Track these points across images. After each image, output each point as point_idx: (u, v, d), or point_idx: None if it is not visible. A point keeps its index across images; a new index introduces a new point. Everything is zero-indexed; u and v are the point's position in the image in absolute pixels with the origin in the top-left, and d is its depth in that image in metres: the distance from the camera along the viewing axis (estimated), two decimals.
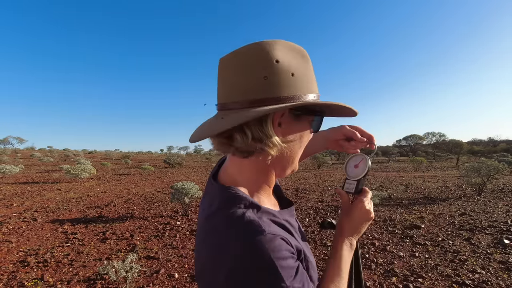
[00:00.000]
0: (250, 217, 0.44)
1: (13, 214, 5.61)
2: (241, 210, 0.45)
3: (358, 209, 0.60)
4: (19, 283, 2.85)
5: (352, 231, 0.60)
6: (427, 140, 45.10)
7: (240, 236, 0.42)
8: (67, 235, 4.37)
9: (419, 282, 2.79)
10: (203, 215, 0.51)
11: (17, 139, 39.51)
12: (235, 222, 0.44)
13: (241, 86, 0.45)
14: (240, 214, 0.45)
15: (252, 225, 0.42)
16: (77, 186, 9.91)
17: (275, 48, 0.45)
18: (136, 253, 3.51)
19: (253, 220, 0.43)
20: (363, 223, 0.61)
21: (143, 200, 7.37)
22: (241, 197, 0.48)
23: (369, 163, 0.63)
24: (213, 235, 0.45)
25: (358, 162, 0.65)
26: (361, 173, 0.62)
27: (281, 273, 0.39)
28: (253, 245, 0.40)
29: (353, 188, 0.63)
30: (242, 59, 0.45)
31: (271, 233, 0.42)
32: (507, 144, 49.54)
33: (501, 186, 8.82)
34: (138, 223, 5.06)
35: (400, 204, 6.51)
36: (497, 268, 3.07)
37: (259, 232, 0.41)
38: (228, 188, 0.50)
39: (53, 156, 29.01)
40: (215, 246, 0.43)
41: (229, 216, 0.45)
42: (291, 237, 0.48)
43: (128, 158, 29.18)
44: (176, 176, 13.89)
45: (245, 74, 0.45)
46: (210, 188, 0.56)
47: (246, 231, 0.42)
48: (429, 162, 26.21)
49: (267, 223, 0.45)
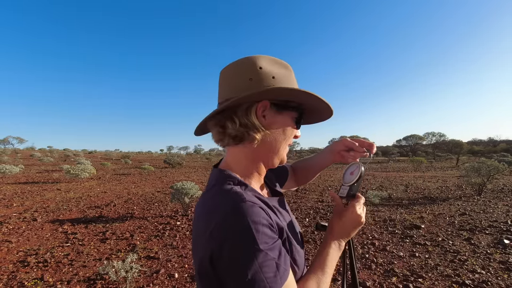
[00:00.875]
0: (236, 189, 0.53)
1: (13, 214, 5.61)
2: (230, 185, 0.56)
3: (349, 213, 0.64)
4: (19, 283, 2.84)
5: (341, 233, 0.64)
6: (427, 140, 45.11)
7: (224, 202, 0.50)
8: (67, 235, 4.37)
9: (419, 282, 2.78)
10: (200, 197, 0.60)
11: (17, 139, 39.50)
12: (224, 192, 0.53)
13: (232, 86, 0.58)
14: (228, 187, 0.55)
15: (236, 195, 0.51)
16: (77, 186, 9.91)
17: (259, 59, 0.58)
18: (136, 253, 3.51)
19: (238, 192, 0.52)
20: (353, 226, 0.64)
21: (143, 200, 7.37)
22: (231, 176, 0.59)
23: (362, 169, 0.67)
24: (205, 203, 0.54)
25: (354, 169, 0.69)
26: (354, 179, 0.67)
27: (255, 235, 0.45)
28: (235, 209, 0.47)
29: (345, 193, 0.67)
30: (234, 68, 0.59)
31: (252, 201, 0.50)
32: (507, 144, 49.51)
33: (501, 186, 8.82)
34: (138, 223, 5.06)
35: (400, 204, 6.51)
36: (497, 268, 3.07)
37: (241, 199, 0.49)
38: (223, 171, 0.61)
39: (53, 156, 29.01)
40: (206, 211, 0.51)
41: (220, 189, 0.55)
42: (272, 213, 0.54)
43: (128, 158, 29.18)
44: (176, 176, 13.89)
45: (236, 78, 0.58)
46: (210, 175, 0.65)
47: (231, 198, 0.50)
48: (429, 162, 26.21)
49: (250, 195, 0.53)
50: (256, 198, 0.54)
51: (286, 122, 0.61)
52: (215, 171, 0.63)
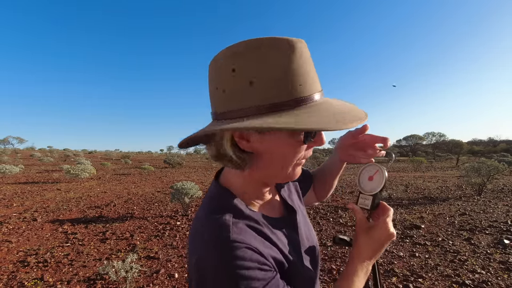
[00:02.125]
0: (224, 220, 0.45)
1: (13, 214, 5.61)
2: (218, 212, 0.47)
3: (381, 230, 0.53)
4: (19, 283, 2.85)
5: (372, 253, 0.54)
6: (427, 140, 45.16)
7: (209, 234, 0.44)
8: (67, 235, 4.37)
9: (419, 282, 2.78)
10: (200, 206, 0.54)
11: (17, 139, 39.51)
12: (212, 221, 0.46)
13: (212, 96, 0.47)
14: (215, 215, 0.47)
15: (221, 229, 0.44)
16: (77, 186, 9.91)
17: (232, 54, 0.41)
18: (136, 253, 3.51)
19: (223, 224, 0.44)
20: (383, 245, 0.54)
21: (143, 200, 7.37)
22: (224, 197, 0.51)
23: (386, 175, 0.56)
24: (196, 222, 0.49)
25: (372, 173, 0.58)
26: (377, 186, 0.56)
27: (238, 281, 0.39)
28: (217, 247, 0.42)
29: (369, 204, 0.56)
30: (211, 68, 0.46)
31: (238, 241, 0.42)
32: (507, 144, 49.54)
33: (501, 186, 8.82)
34: (138, 223, 5.06)
35: (400, 204, 6.51)
36: (497, 268, 3.06)
37: (224, 237, 0.42)
38: (219, 187, 0.53)
39: (53, 156, 29.01)
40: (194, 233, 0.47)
41: (207, 212, 0.48)
42: (270, 248, 0.47)
43: (128, 158, 29.18)
44: (176, 176, 13.89)
45: (211, 84, 0.46)
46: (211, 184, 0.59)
47: (214, 234, 0.43)
48: (429, 162, 26.21)
49: (240, 229, 0.45)
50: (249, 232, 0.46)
51: (280, 142, 0.45)
52: (213, 184, 0.56)
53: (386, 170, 0.56)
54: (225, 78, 0.42)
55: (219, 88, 0.44)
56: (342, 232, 4.39)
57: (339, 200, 7.02)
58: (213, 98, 0.47)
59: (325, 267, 3.16)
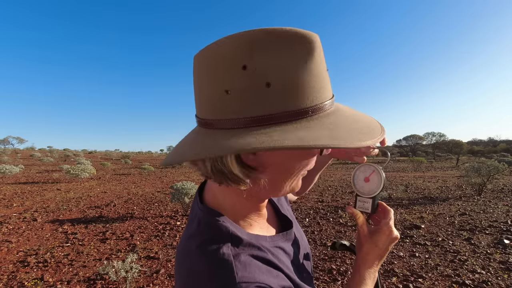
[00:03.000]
0: (224, 256, 0.38)
1: (13, 214, 5.61)
2: (213, 243, 0.40)
3: (385, 235, 0.51)
4: (19, 283, 2.85)
5: (378, 258, 0.52)
6: (427, 140, 45.16)
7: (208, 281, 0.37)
8: (67, 235, 4.37)
9: (419, 282, 2.78)
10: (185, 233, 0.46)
11: (17, 139, 39.54)
12: (205, 258, 0.39)
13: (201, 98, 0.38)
14: (210, 248, 0.39)
15: (222, 269, 0.37)
16: (77, 186, 9.91)
17: (246, 46, 0.32)
18: (136, 253, 3.51)
19: (224, 261, 0.38)
20: (389, 248, 0.52)
21: (143, 200, 7.37)
22: (217, 223, 0.42)
23: (383, 175, 0.53)
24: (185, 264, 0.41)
25: (368, 174, 0.55)
26: (376, 188, 0.53)
27: None
28: None
29: (369, 207, 0.54)
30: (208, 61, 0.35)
31: (245, 280, 0.36)
32: (507, 144, 49.56)
33: (501, 186, 8.82)
34: (138, 223, 5.06)
35: (400, 204, 6.51)
36: (497, 268, 3.06)
37: (229, 280, 0.36)
38: (208, 210, 0.45)
39: (53, 156, 29.01)
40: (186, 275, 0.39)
41: (199, 245, 0.40)
42: (277, 276, 0.41)
43: (128, 158, 29.20)
44: (176, 176, 13.90)
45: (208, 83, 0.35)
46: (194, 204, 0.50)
47: (216, 278, 0.36)
48: (429, 162, 26.22)
49: (244, 264, 0.38)
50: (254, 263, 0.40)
51: (292, 154, 0.40)
52: (198, 206, 0.47)
53: (383, 170, 0.53)
54: (231, 76, 0.33)
55: (218, 87, 0.34)
56: (342, 232, 4.39)
57: (339, 200, 7.02)
58: (206, 99, 0.36)
59: (325, 267, 3.16)
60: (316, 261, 3.32)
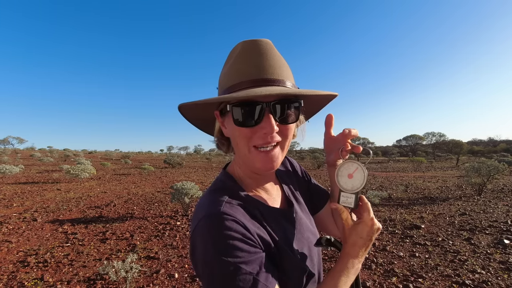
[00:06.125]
0: (220, 198, 0.53)
1: (13, 214, 5.61)
2: (217, 191, 0.56)
3: (368, 226, 0.55)
4: (19, 283, 2.84)
5: (362, 249, 0.56)
6: (427, 140, 45.17)
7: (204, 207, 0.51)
8: (67, 235, 4.37)
9: (419, 282, 2.78)
10: None
11: (17, 139, 39.54)
12: (209, 197, 0.55)
13: None
14: (214, 193, 0.55)
15: (215, 204, 0.51)
16: (77, 186, 9.90)
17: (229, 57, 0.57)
18: (136, 253, 3.51)
19: (218, 200, 0.52)
20: (372, 239, 0.56)
21: (143, 200, 7.37)
22: (227, 178, 0.60)
23: (366, 173, 0.56)
24: (196, 205, 0.57)
25: (352, 171, 0.58)
26: (359, 185, 0.56)
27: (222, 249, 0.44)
28: (207, 218, 0.48)
29: (352, 202, 0.57)
30: None
31: (226, 213, 0.48)
32: (507, 144, 49.57)
33: (501, 186, 8.82)
34: (138, 223, 5.06)
35: (400, 204, 6.51)
36: (497, 268, 3.06)
37: (215, 210, 0.49)
38: (224, 173, 0.63)
39: (53, 156, 29.01)
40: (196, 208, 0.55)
41: (208, 192, 0.57)
42: (258, 228, 0.52)
43: (128, 158, 29.19)
44: (176, 176, 13.89)
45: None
46: None
47: (209, 207, 0.51)
48: (429, 162, 26.21)
49: (232, 206, 0.52)
50: (239, 210, 0.51)
51: (230, 122, 0.54)
52: (221, 172, 0.65)
53: (365, 166, 0.56)
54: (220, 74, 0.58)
55: None
56: None
57: None
58: None
59: (325, 267, 3.16)
60: None
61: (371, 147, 51.81)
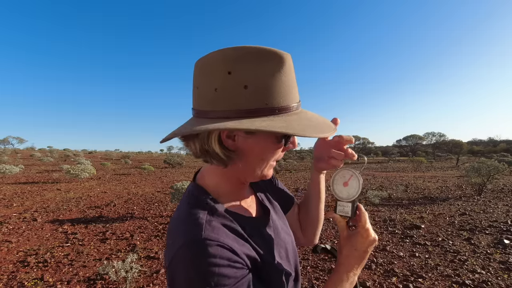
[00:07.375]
0: (198, 219, 0.47)
1: (13, 214, 5.61)
2: (192, 210, 0.49)
3: (363, 238, 0.53)
4: (19, 283, 2.84)
5: (357, 262, 0.54)
6: (427, 140, 45.21)
7: (183, 232, 0.45)
8: (67, 235, 4.37)
9: (419, 282, 2.79)
10: None
11: (17, 139, 39.56)
12: (183, 220, 0.48)
13: (197, 94, 0.48)
14: (190, 213, 0.48)
15: (194, 228, 0.45)
16: (77, 186, 9.91)
17: (231, 58, 0.43)
18: (136, 253, 3.51)
19: (197, 223, 0.46)
20: (368, 251, 0.54)
21: (143, 200, 7.38)
22: (201, 195, 0.53)
23: (361, 180, 0.55)
24: (172, 222, 0.51)
25: (347, 179, 0.57)
26: (355, 193, 0.55)
27: (207, 278, 0.40)
28: (188, 246, 0.43)
29: (349, 211, 0.56)
30: (203, 66, 0.46)
31: (210, 238, 0.43)
32: (507, 144, 49.60)
33: (501, 186, 8.82)
34: (138, 223, 5.06)
35: (400, 204, 6.51)
36: (497, 268, 3.07)
37: (196, 236, 0.43)
38: (196, 186, 0.55)
39: (53, 156, 29.00)
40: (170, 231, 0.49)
41: (182, 211, 0.50)
42: (243, 245, 0.48)
43: (128, 158, 29.21)
44: (176, 176, 13.90)
45: (203, 83, 0.46)
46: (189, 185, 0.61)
47: (187, 233, 0.45)
48: (429, 162, 26.23)
49: (213, 227, 0.46)
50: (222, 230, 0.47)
51: (263, 143, 0.48)
52: (191, 184, 0.58)
53: (360, 174, 0.56)
54: (219, 78, 0.43)
55: (210, 86, 0.44)
56: None
57: None
58: (199, 95, 0.47)
59: (325, 267, 3.17)
60: (316, 261, 3.33)
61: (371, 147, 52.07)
